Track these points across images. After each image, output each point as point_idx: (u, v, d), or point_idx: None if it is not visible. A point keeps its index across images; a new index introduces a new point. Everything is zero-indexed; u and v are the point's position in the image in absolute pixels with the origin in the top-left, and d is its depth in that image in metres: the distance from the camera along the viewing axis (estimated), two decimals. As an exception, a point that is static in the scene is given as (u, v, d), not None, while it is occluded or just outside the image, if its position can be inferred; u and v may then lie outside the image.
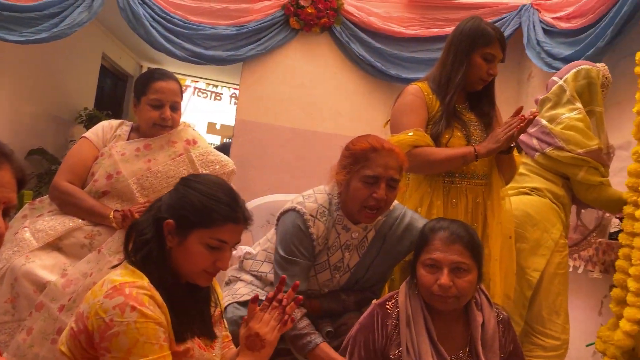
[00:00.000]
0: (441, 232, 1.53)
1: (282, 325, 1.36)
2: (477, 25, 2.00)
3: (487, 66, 1.99)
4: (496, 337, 1.55)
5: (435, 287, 1.49)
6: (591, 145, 2.25)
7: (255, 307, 1.36)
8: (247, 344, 1.33)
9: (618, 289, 2.23)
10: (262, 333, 1.33)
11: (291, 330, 1.61)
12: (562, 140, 2.27)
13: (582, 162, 2.26)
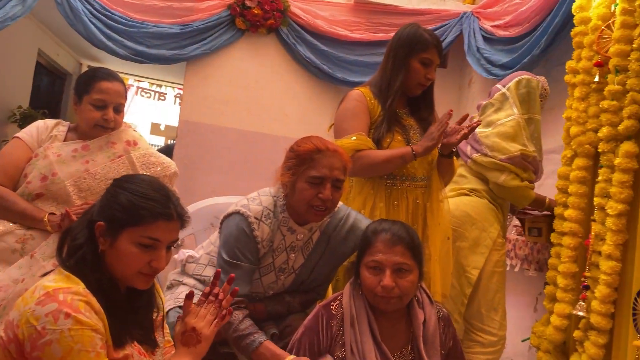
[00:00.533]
0: (383, 234, 1.56)
1: (219, 319, 1.35)
2: (414, 31, 2.07)
3: (425, 71, 2.05)
4: (437, 334, 1.59)
5: (378, 288, 1.52)
6: (512, 152, 2.38)
7: (191, 303, 1.34)
8: (182, 340, 1.31)
9: (551, 286, 2.35)
10: (198, 327, 1.31)
11: (234, 332, 1.60)
12: (486, 146, 2.40)
13: (503, 168, 2.39)
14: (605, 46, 2.17)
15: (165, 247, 1.29)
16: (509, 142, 2.41)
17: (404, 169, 2.05)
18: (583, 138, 2.24)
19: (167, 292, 1.93)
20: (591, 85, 2.24)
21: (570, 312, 2.19)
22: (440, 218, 2.08)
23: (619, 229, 2.03)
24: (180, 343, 1.32)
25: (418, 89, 2.10)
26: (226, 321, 1.38)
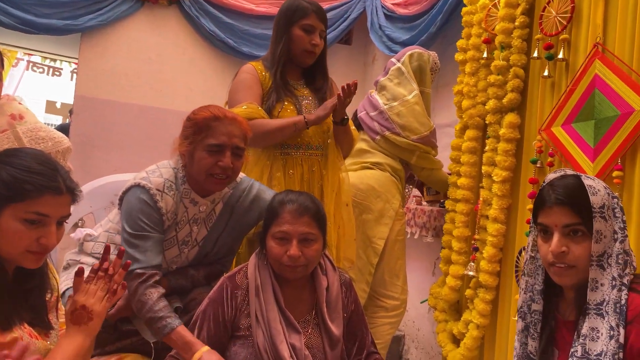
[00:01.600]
0: (290, 205, 1.58)
1: (110, 294, 1.31)
2: (292, 1, 2.13)
3: (308, 37, 2.10)
4: (339, 299, 1.66)
5: (285, 258, 1.55)
6: (423, 132, 2.51)
7: (81, 280, 1.29)
8: (72, 319, 1.26)
9: (446, 250, 2.51)
10: (88, 305, 1.27)
11: (147, 312, 1.56)
12: (399, 126, 2.50)
13: (415, 148, 2.51)
14: (492, 24, 2.32)
15: (55, 222, 1.22)
16: (419, 122, 2.53)
17: (299, 138, 2.09)
18: (473, 111, 2.40)
19: (64, 272, 1.84)
20: (480, 61, 2.40)
21: (463, 273, 2.37)
22: (336, 185, 2.14)
23: (504, 194, 2.21)
24: (70, 322, 1.27)
25: (306, 57, 2.13)
26: (119, 296, 1.35)
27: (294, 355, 1.52)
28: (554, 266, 1.23)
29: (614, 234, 1.20)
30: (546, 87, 2.11)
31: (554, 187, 1.24)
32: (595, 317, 1.17)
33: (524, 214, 2.14)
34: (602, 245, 1.19)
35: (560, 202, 1.21)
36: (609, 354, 1.13)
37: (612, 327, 1.14)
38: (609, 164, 1.75)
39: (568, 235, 1.21)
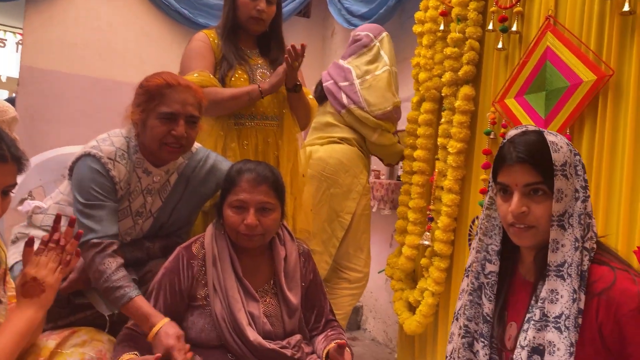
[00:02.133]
0: (248, 174, 1.57)
1: (63, 266, 1.27)
2: None
3: (253, 3, 2.06)
4: (297, 268, 1.66)
5: (242, 226, 1.54)
6: (386, 107, 2.52)
7: (31, 252, 1.25)
8: (23, 292, 1.22)
9: (400, 220, 2.56)
10: (39, 277, 1.22)
11: (105, 282, 1.52)
12: (365, 100, 2.50)
13: (377, 126, 2.52)
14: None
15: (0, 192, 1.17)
16: (384, 97, 2.53)
17: (253, 108, 2.07)
18: (430, 83, 2.43)
19: (12, 246, 1.78)
20: (437, 33, 2.42)
21: (418, 243, 2.42)
22: (292, 155, 2.14)
23: (458, 166, 2.26)
24: (21, 295, 1.22)
25: (253, 24, 2.09)
26: (72, 267, 1.31)
27: (252, 323, 1.52)
28: (513, 227, 1.18)
29: (576, 192, 1.14)
30: (500, 60, 2.15)
31: (514, 144, 1.18)
32: (555, 279, 1.13)
33: (477, 185, 2.20)
34: (563, 205, 1.14)
35: (521, 160, 1.14)
36: (571, 317, 1.09)
37: (574, 291, 1.10)
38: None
39: (528, 194, 1.15)
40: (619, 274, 1.10)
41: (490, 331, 1.25)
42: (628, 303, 1.06)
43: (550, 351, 1.11)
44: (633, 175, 1.55)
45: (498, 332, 1.26)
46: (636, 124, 1.55)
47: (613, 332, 1.07)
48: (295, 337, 1.59)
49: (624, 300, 1.07)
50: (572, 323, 1.10)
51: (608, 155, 1.64)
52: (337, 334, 1.64)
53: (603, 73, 1.66)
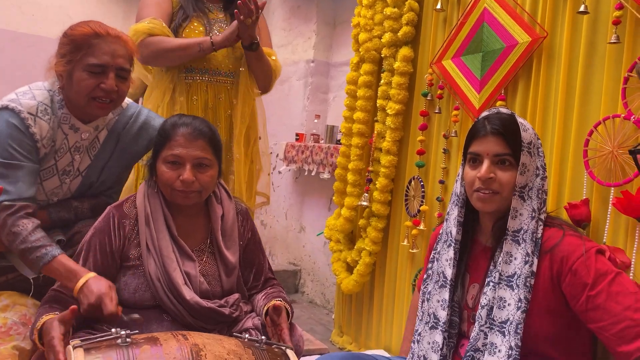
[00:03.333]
0: (184, 128, 1.50)
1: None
2: None
3: None
4: (235, 227, 1.63)
5: (177, 182, 1.48)
6: None
7: None
8: None
9: (338, 182, 2.57)
10: None
11: (22, 244, 1.42)
12: None
13: None
14: (389, -45, 2.31)
15: None
16: None
17: (205, 62, 1.99)
18: (369, 44, 2.41)
19: None
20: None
21: (357, 204, 2.44)
22: (248, 117, 2.08)
23: (397, 127, 2.28)
24: None
25: None
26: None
27: (189, 283, 1.48)
28: (479, 192, 1.29)
29: (537, 169, 1.29)
30: (439, 21, 2.16)
31: (489, 119, 1.31)
32: (511, 244, 1.26)
33: (414, 146, 2.23)
34: (526, 178, 1.27)
35: (495, 132, 1.28)
36: (522, 277, 1.22)
37: (527, 254, 1.23)
38: (493, 95, 1.86)
39: (497, 164, 1.28)
40: (567, 232, 1.25)
41: (451, 295, 1.35)
42: (576, 251, 1.19)
43: (500, 306, 1.25)
44: (563, 135, 1.61)
45: (460, 294, 1.37)
46: (567, 85, 1.61)
47: (572, 281, 1.18)
48: (234, 296, 1.57)
49: (572, 250, 1.20)
50: (522, 282, 1.23)
51: (540, 115, 1.69)
52: (277, 292, 1.63)
53: (537, 35, 1.71)
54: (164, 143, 1.50)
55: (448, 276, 1.36)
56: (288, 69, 3.87)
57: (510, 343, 1.21)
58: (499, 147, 1.28)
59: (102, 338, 1.12)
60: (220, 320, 1.51)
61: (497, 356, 1.22)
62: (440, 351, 1.33)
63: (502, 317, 1.24)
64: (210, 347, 1.17)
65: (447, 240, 1.40)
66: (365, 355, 1.52)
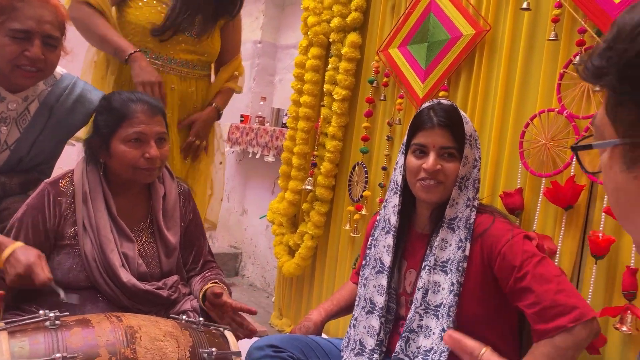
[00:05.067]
0: (140, 104, 1.45)
1: None
2: None
3: None
4: (177, 207, 1.59)
5: (141, 160, 1.44)
6: None
7: None
8: None
9: (284, 166, 2.56)
10: None
11: None
12: None
13: None
14: (341, -61, 2.30)
15: None
16: None
17: (161, 49, 1.90)
18: (318, 28, 2.40)
19: None
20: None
21: (301, 188, 2.44)
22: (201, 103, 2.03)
23: (342, 112, 2.29)
24: None
25: None
26: None
27: (126, 264, 1.44)
28: (423, 181, 1.32)
29: (475, 161, 1.33)
30: (387, 9, 2.18)
31: (435, 110, 1.33)
32: (447, 230, 1.31)
33: (359, 132, 2.25)
34: (466, 169, 1.31)
35: (442, 125, 1.30)
36: (455, 261, 1.27)
37: (461, 240, 1.28)
38: (437, 85, 1.90)
39: (442, 156, 1.31)
40: (497, 218, 1.30)
41: (388, 281, 1.38)
42: (504, 236, 1.25)
43: (434, 290, 1.30)
44: (501, 126, 1.67)
45: (397, 281, 1.40)
46: (507, 79, 1.66)
47: (501, 264, 1.24)
48: (173, 277, 1.53)
49: (501, 234, 1.26)
50: (455, 266, 1.27)
51: (480, 107, 1.75)
52: (215, 275, 1.60)
53: (481, 28, 1.75)
54: (119, 122, 1.44)
55: (385, 263, 1.39)
56: (235, 49, 3.79)
57: (443, 325, 1.26)
58: (445, 139, 1.31)
59: (29, 320, 1.07)
60: (157, 303, 1.47)
61: (431, 339, 1.27)
62: (377, 335, 1.36)
63: (436, 301, 1.28)
64: (145, 329, 1.14)
65: (384, 227, 1.42)
66: (304, 337, 1.53)
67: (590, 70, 0.51)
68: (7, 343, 0.98)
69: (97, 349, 1.04)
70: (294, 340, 1.48)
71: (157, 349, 1.11)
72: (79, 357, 1.01)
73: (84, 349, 1.03)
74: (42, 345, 1.00)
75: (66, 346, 1.02)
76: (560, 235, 1.43)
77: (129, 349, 1.07)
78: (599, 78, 0.50)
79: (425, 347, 1.28)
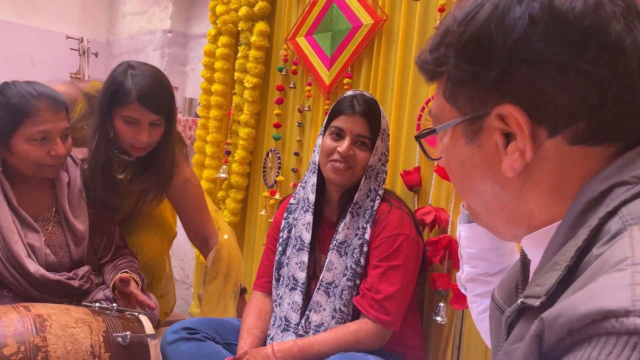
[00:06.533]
0: (44, 100, 1.41)
1: None
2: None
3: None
4: (83, 194, 1.57)
5: (46, 158, 1.43)
6: None
7: None
8: None
9: (198, 155, 2.57)
10: None
11: None
12: None
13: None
14: None
15: None
16: None
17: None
18: (227, 17, 2.42)
19: None
20: (234, -35, 2.40)
21: (215, 176, 2.46)
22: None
23: (254, 100, 2.34)
24: None
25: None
26: None
27: (33, 255, 1.41)
28: (335, 163, 1.40)
29: (382, 154, 1.44)
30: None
31: (357, 99, 1.42)
32: (349, 216, 1.42)
33: (271, 119, 2.31)
34: (375, 159, 1.42)
35: (362, 114, 1.40)
36: (353, 244, 1.41)
37: (361, 227, 1.41)
38: (342, 72, 1.99)
39: (356, 143, 1.41)
40: (393, 209, 1.42)
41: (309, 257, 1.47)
42: (393, 227, 1.39)
43: (329, 268, 1.42)
44: (399, 109, 1.79)
45: (311, 262, 1.49)
46: (403, 65, 1.78)
47: (374, 251, 1.39)
48: (84, 268, 1.53)
49: (391, 224, 1.40)
50: (351, 249, 1.40)
51: (380, 91, 1.86)
52: (127, 263, 1.59)
53: (379, 18, 1.86)
54: (21, 120, 1.39)
55: (306, 240, 1.46)
56: (144, 39, 3.72)
57: (335, 305, 1.39)
58: (362, 128, 1.41)
59: None
60: (68, 293, 1.46)
61: (321, 314, 1.39)
62: (300, 310, 1.43)
63: (329, 279, 1.41)
64: (56, 317, 1.14)
65: (304, 206, 1.49)
66: (219, 318, 1.58)
67: (430, 63, 0.56)
68: None
69: (5, 339, 1.04)
70: (209, 321, 1.53)
71: (68, 335, 1.12)
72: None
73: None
74: (-57, 338, 0.99)
75: (-30, 337, 1.00)
76: (452, 206, 1.57)
77: (39, 337, 1.08)
78: (439, 66, 0.55)
79: (315, 322, 1.40)
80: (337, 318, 1.38)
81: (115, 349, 1.18)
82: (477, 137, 0.54)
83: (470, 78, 0.53)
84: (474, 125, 0.54)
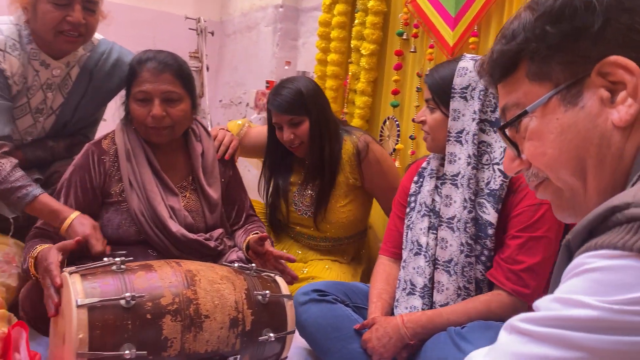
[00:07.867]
0: (149, 63, 1.46)
1: None
2: None
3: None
4: (216, 165, 1.63)
5: (148, 119, 1.45)
6: None
7: None
8: None
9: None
10: None
11: (1, 184, 1.38)
12: None
13: None
14: None
15: None
16: None
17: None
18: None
19: None
20: None
21: (331, 146, 2.46)
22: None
23: (371, 67, 2.29)
24: None
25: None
26: None
27: (174, 216, 1.49)
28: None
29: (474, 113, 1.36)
30: (413, -41, 2.15)
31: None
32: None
33: (389, 86, 2.25)
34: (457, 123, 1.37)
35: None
36: (469, 220, 1.34)
37: (469, 198, 1.35)
38: (467, 31, 1.88)
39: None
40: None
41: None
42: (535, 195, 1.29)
43: (442, 246, 1.40)
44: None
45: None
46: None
47: (529, 219, 1.29)
48: (218, 230, 1.59)
49: (532, 192, 1.28)
50: (462, 223, 1.34)
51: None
52: (257, 227, 1.65)
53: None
54: (131, 80, 1.47)
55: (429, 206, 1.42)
56: (256, 15, 3.78)
57: (458, 284, 1.34)
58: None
59: (97, 265, 1.13)
60: (205, 254, 1.53)
61: (445, 294, 1.35)
62: (424, 274, 1.40)
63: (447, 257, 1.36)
64: (203, 273, 1.19)
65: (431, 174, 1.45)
66: (347, 282, 1.59)
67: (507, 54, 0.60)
68: (81, 284, 1.04)
69: (162, 290, 1.10)
70: (338, 285, 1.54)
71: (215, 290, 1.17)
72: (145, 297, 1.07)
73: (149, 290, 1.09)
74: (111, 286, 1.06)
75: (133, 287, 1.07)
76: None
77: (190, 290, 1.13)
78: (520, 52, 0.59)
79: (440, 302, 1.37)
80: (463, 296, 1.32)
81: (256, 306, 1.21)
82: (579, 99, 0.56)
83: (566, 42, 0.56)
84: (572, 91, 0.56)
